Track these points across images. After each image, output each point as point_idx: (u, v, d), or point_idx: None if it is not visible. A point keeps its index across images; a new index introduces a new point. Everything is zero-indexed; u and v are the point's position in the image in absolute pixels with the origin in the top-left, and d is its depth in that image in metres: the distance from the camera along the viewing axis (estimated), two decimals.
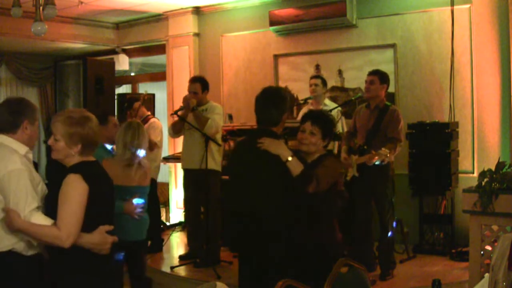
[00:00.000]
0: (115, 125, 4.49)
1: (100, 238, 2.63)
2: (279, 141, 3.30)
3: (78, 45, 9.10)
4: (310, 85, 6.03)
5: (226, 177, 4.43)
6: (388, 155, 4.77)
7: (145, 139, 4.02)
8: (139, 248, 4.07)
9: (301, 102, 6.18)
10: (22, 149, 2.77)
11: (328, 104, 5.99)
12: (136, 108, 6.52)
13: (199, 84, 5.75)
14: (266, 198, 3.21)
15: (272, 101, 3.35)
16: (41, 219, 2.57)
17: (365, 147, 5.06)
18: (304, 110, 5.99)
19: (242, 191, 3.33)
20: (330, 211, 3.41)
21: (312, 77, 6.15)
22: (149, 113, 6.81)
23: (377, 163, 4.79)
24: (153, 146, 6.35)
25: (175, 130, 5.88)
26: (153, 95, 8.25)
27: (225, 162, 6.15)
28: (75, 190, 2.56)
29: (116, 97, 8.09)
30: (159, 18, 8.53)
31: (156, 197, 6.85)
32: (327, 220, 3.40)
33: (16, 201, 2.56)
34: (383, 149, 4.79)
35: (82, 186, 2.57)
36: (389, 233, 5.14)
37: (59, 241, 2.51)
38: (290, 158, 3.19)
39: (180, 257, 5.99)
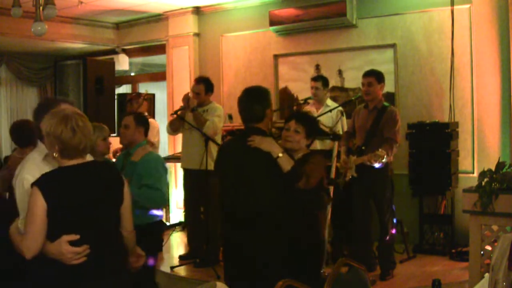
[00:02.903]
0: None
1: (57, 249, 2.44)
2: (269, 138, 3.32)
3: (78, 45, 9.10)
4: (312, 88, 6.01)
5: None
6: (385, 157, 4.77)
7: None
8: None
9: (301, 102, 6.15)
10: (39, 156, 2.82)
11: (330, 104, 5.94)
12: (135, 108, 6.52)
13: (203, 85, 5.77)
14: (263, 196, 3.23)
15: (254, 97, 3.40)
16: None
17: (363, 147, 5.07)
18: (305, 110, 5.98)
19: (238, 191, 3.31)
20: (318, 207, 3.50)
21: (313, 79, 6.07)
22: (145, 113, 6.81)
23: (376, 166, 4.78)
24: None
25: (173, 128, 5.92)
26: (153, 95, 8.25)
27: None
28: (34, 206, 2.44)
29: (116, 97, 8.09)
30: (159, 18, 8.52)
31: None
32: (315, 216, 3.46)
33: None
34: (380, 150, 4.79)
35: (40, 202, 2.42)
36: (391, 233, 5.14)
37: (22, 253, 2.46)
38: (281, 154, 3.22)
39: (180, 257, 6.00)
